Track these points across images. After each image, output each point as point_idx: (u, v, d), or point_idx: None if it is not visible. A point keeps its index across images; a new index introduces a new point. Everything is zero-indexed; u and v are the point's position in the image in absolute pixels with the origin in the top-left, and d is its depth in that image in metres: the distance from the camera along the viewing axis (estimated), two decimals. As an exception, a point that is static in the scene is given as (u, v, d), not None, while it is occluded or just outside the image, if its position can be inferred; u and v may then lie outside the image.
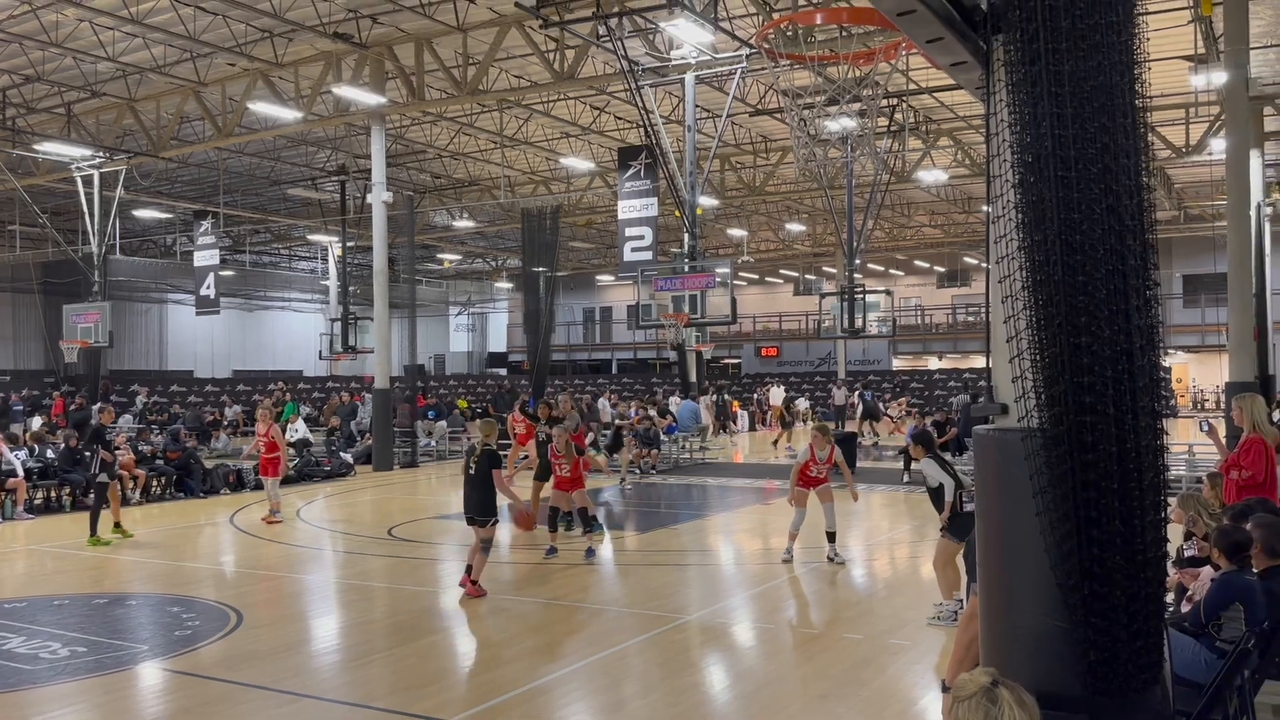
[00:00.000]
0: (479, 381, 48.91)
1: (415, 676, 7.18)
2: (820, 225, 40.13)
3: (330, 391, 37.30)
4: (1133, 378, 2.76)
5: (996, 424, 3.12)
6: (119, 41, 19.75)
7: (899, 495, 16.99)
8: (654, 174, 20.94)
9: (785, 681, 7.09)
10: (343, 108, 22.22)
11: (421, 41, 19.95)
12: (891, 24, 3.10)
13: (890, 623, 8.55)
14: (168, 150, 24.73)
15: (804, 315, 47.29)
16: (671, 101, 23.36)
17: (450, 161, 31.02)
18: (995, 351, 3.15)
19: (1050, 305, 2.75)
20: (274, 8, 17.84)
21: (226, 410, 30.40)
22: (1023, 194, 2.80)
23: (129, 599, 9.91)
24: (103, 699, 6.78)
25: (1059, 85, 2.72)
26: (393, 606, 9.65)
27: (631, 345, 52.03)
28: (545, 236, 27.42)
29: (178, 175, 31.56)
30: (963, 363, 45.28)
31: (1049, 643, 2.92)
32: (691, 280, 19.56)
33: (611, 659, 7.57)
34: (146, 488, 16.83)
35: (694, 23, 15.92)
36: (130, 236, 37.89)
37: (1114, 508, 2.76)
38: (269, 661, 7.51)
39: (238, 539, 13.44)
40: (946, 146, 27.77)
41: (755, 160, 30.00)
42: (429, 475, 21.10)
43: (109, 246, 25.61)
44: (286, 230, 40.39)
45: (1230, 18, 15.33)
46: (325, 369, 42.64)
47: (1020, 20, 2.75)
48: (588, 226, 38.62)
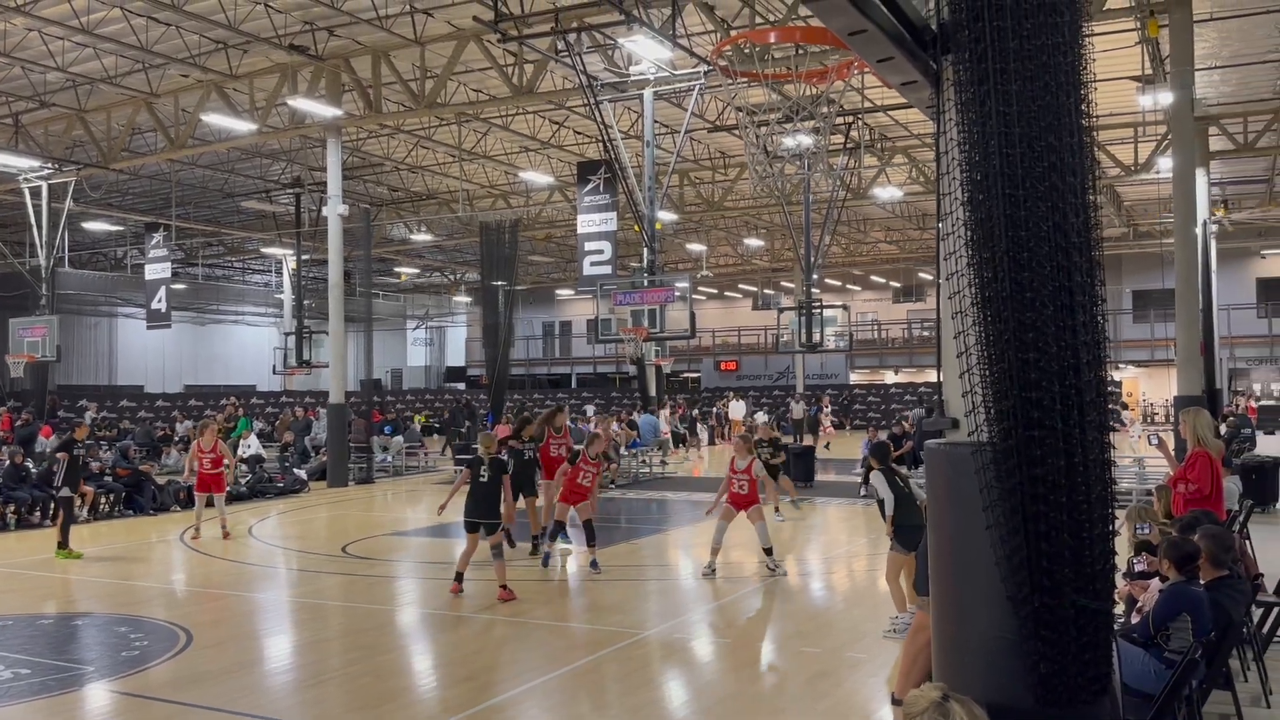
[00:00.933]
0: (437, 396, 48.55)
1: (370, 696, 7.08)
2: (778, 241, 40.44)
3: (284, 406, 36.79)
4: (1080, 392, 2.81)
5: (948, 438, 3.15)
6: (69, 51, 19.42)
7: (857, 509, 17.10)
8: (613, 189, 20.96)
9: (743, 696, 7.09)
10: (298, 120, 22.01)
11: (379, 54, 19.85)
12: (844, 43, 3.14)
13: (847, 636, 8.59)
14: (118, 162, 24.34)
15: (763, 329, 47.56)
16: (631, 117, 23.44)
17: (408, 175, 30.84)
18: (946, 367, 3.18)
19: (998, 321, 2.79)
20: (228, 19, 17.64)
21: (178, 426, 29.86)
22: (971, 212, 2.85)
23: (75, 619, 9.69)
24: (46, 723, 6.62)
25: (1007, 105, 2.77)
26: (347, 625, 9.52)
27: (591, 360, 51.98)
28: (504, 250, 27.30)
29: (129, 187, 31.04)
30: (918, 377, 45.77)
31: (1000, 655, 2.95)
32: (651, 295, 19.57)
33: (568, 676, 7.53)
34: (95, 505, 16.47)
35: (652, 39, 15.99)
36: (80, 249, 37.21)
37: (1063, 521, 2.80)
38: (219, 682, 7.37)
39: (188, 557, 13.19)
40: (901, 164, 28.13)
41: (714, 176, 30.18)
42: (385, 491, 20.88)
43: (57, 259, 25.12)
44: (240, 243, 39.87)
45: (1175, 40, 15.71)
46: (279, 384, 42.06)
47: (969, 41, 2.80)
48: (547, 240, 38.57)
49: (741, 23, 17.46)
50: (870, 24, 2.87)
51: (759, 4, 17.01)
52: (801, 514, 16.77)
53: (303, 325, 29.59)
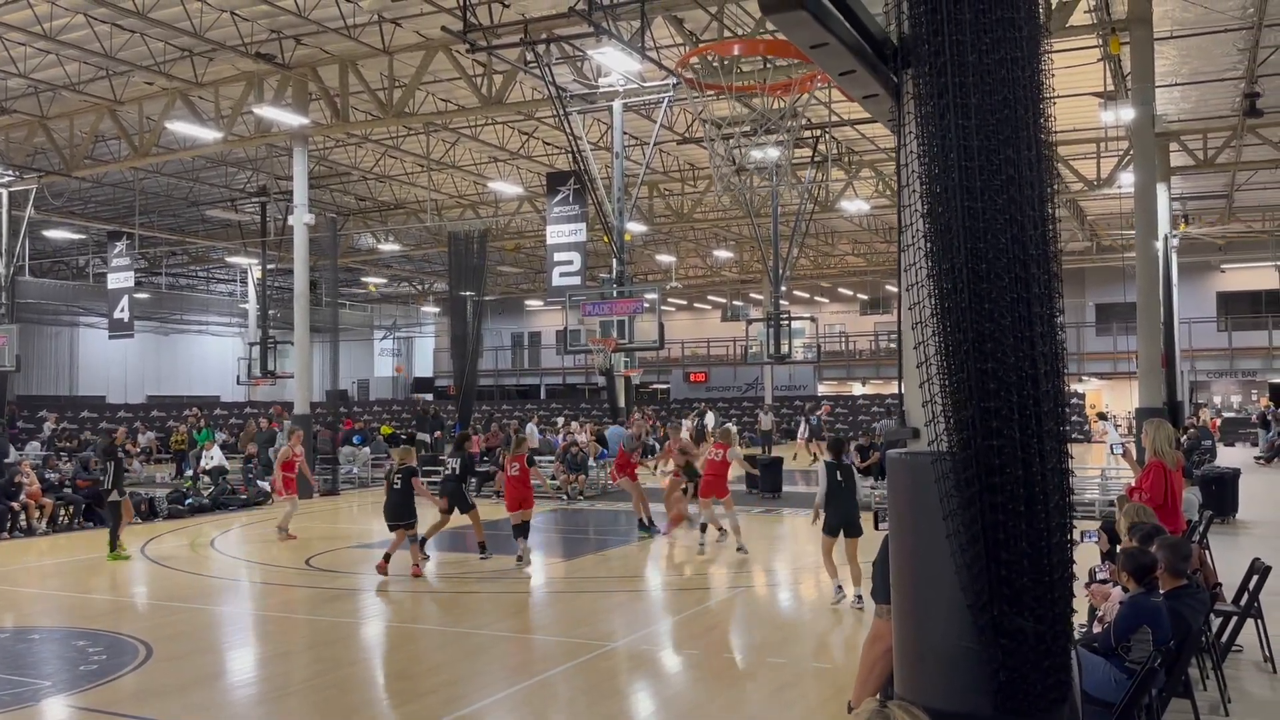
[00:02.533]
0: (404, 407, 48.21)
1: (334, 709, 7.01)
2: (747, 252, 40.61)
3: (248, 417, 36.37)
4: (1038, 402, 2.84)
5: (909, 448, 3.18)
6: (31, 58, 19.15)
7: (823, 519, 17.14)
8: (582, 199, 20.98)
9: (710, 706, 7.08)
10: (264, 128, 21.84)
11: (346, 63, 19.75)
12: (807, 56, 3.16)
13: (813, 646, 8.61)
14: (81, 169, 24.02)
15: (732, 340, 47.71)
16: (600, 128, 23.48)
17: (376, 184, 30.68)
18: (906, 377, 3.21)
19: (958, 331, 2.81)
20: (194, 27, 17.49)
21: (140, 437, 29.42)
22: (931, 223, 2.87)
23: (32, 632, 9.50)
24: (-1, 740, 6.48)
25: (966, 118, 2.80)
26: (311, 638, 9.41)
27: (560, 370, 51.89)
28: (473, 261, 27.22)
29: (91, 195, 30.64)
30: (885, 388, 46.09)
31: (960, 663, 2.97)
32: (620, 305, 19.59)
33: (536, 687, 7.48)
34: (54, 517, 16.19)
35: (621, 51, 16.04)
36: (41, 257, 36.68)
37: (1021, 530, 2.82)
38: (180, 695, 7.25)
39: (149, 570, 12.99)
40: (868, 177, 28.38)
41: (683, 187, 30.28)
42: (350, 503, 20.69)
43: (18, 267, 24.74)
44: (205, 252, 39.46)
45: (1136, 57, 15.98)
46: (243, 394, 41.58)
47: (929, 54, 2.83)
48: (516, 251, 38.49)
49: (710, 35, 17.56)
50: (832, 37, 2.89)
51: (727, 17, 17.11)
52: (769, 525, 16.81)
53: (268, 335, 29.28)
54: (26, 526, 15.82)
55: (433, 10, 17.02)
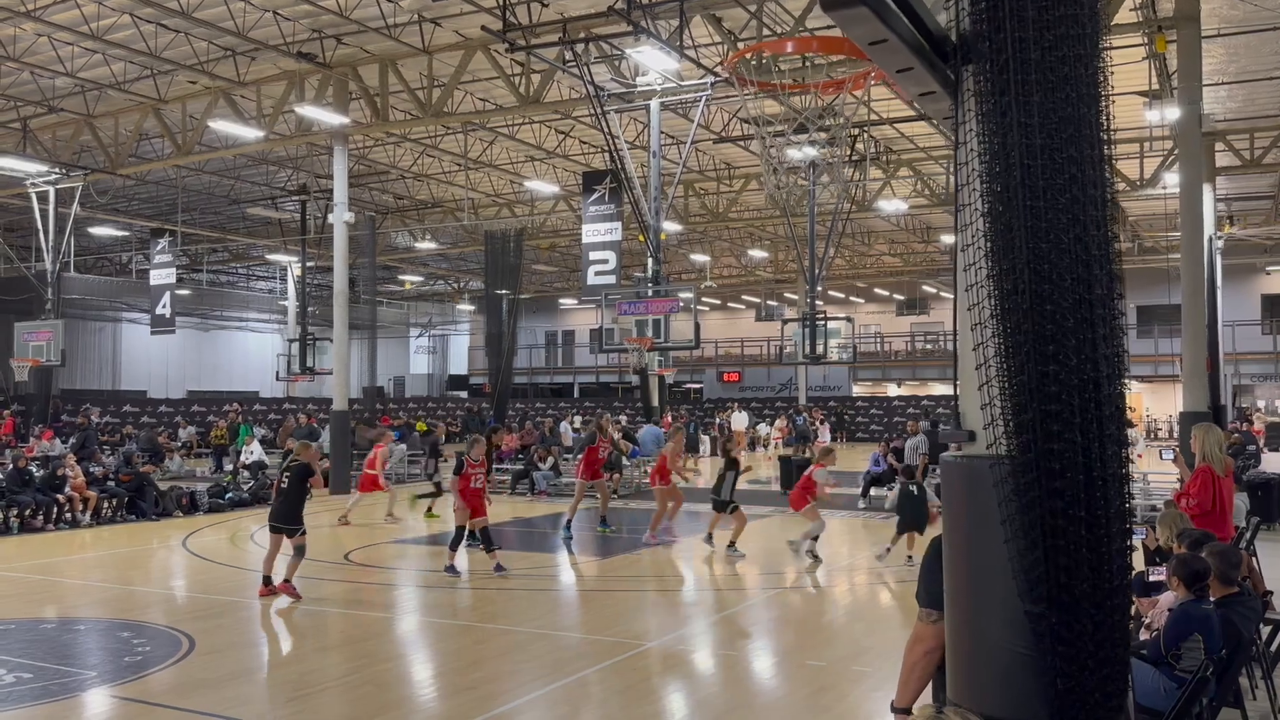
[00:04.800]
0: (439, 404, 48.54)
1: (371, 705, 7.05)
2: (782, 252, 40.44)
3: (287, 413, 36.78)
4: (1099, 406, 2.79)
5: (964, 451, 3.13)
6: (78, 57, 19.48)
7: (857, 521, 17.06)
8: (618, 198, 20.98)
9: (746, 709, 7.05)
10: (305, 127, 22.05)
11: (386, 63, 19.90)
12: (862, 53, 3.13)
13: (851, 649, 8.55)
14: (125, 167, 24.39)
15: (765, 340, 47.52)
16: (636, 127, 23.47)
17: (413, 183, 30.89)
18: (962, 379, 3.16)
19: (1018, 333, 2.77)
20: (237, 26, 17.71)
21: (180, 431, 29.85)
22: (991, 223, 2.83)
23: (77, 624, 9.65)
24: (48, 728, 6.59)
25: (1029, 116, 2.76)
26: (348, 633, 9.49)
27: (593, 369, 51.97)
28: (509, 259, 27.36)
29: (135, 193, 31.11)
30: (921, 390, 45.73)
31: (1016, 670, 2.92)
32: (656, 305, 19.57)
33: (571, 687, 7.48)
34: (98, 510, 16.45)
35: (660, 50, 16.03)
36: (85, 254, 37.29)
37: (1081, 535, 2.77)
38: (222, 688, 7.33)
39: (190, 563, 13.16)
40: (906, 177, 28.15)
41: (718, 187, 30.20)
42: (386, 499, 20.79)
43: (63, 264, 25.15)
44: (245, 249, 39.94)
45: (1183, 55, 15.71)
46: (282, 390, 42.06)
47: (991, 52, 2.79)
48: (551, 250, 38.60)
49: (749, 34, 17.48)
50: (891, 34, 2.85)
51: (766, 15, 17.04)
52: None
53: (306, 332, 29.59)
54: (71, 519, 16.08)
55: (472, 10, 17.10)
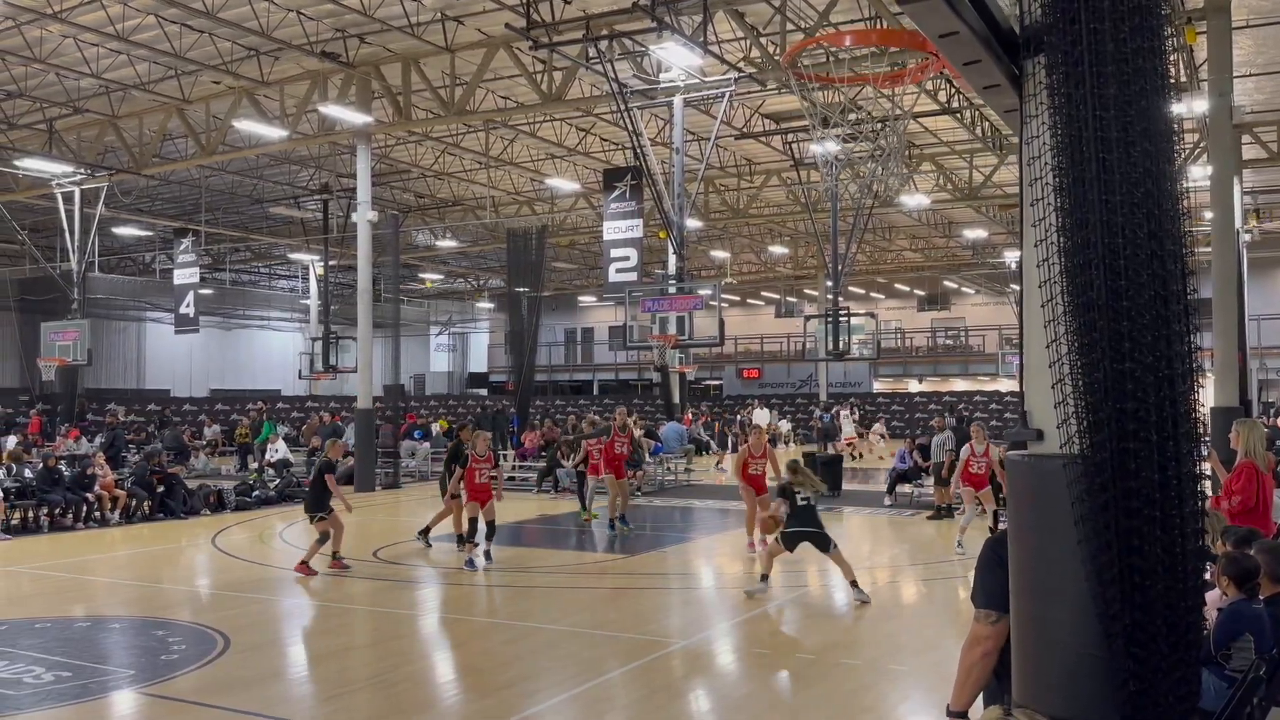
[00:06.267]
0: (459, 402, 48.67)
1: (408, 703, 7.06)
2: (802, 248, 40.31)
3: (310, 411, 36.97)
4: (1174, 404, 2.74)
5: (1031, 450, 3.09)
6: (103, 58, 19.61)
7: (882, 519, 16.98)
8: (639, 195, 20.95)
9: (785, 708, 7.01)
10: (328, 126, 22.13)
11: (409, 61, 19.93)
12: (919, 46, 3.08)
13: (887, 647, 8.49)
14: (149, 167, 24.53)
15: (785, 337, 47.41)
16: (657, 124, 23.43)
17: (435, 181, 30.96)
18: (1029, 377, 3.12)
19: (1093, 331, 2.73)
20: (261, 26, 17.77)
21: (205, 430, 30.04)
22: (1065, 218, 2.79)
23: (111, 622, 9.71)
24: (89, 727, 6.63)
25: (1104, 109, 2.71)
26: (381, 630, 9.51)
27: (613, 366, 51.97)
28: (530, 257, 27.37)
29: (159, 192, 31.31)
30: (943, 386, 45.51)
31: (1085, 671, 2.88)
32: (679, 301, 19.54)
33: (605, 686, 7.46)
34: (127, 509, 16.56)
35: (683, 46, 15.99)
36: (109, 254, 37.54)
37: (1156, 536, 2.73)
38: (259, 687, 7.36)
39: (220, 561, 13.23)
40: (929, 172, 28.00)
41: (739, 183, 30.12)
42: (411, 497, 20.88)
43: (88, 264, 25.33)
44: (268, 249, 40.13)
45: (1214, 46, 15.54)
46: (304, 388, 42.28)
47: (1064, 43, 2.75)
48: (570, 247, 38.62)
49: (772, 29, 17.41)
50: (962, 25, 2.81)
51: (789, 10, 16.96)
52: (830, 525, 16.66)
53: (329, 330, 29.72)
54: (100, 517, 16.20)
55: (495, 8, 17.10)
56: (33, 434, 24.78)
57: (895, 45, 11.14)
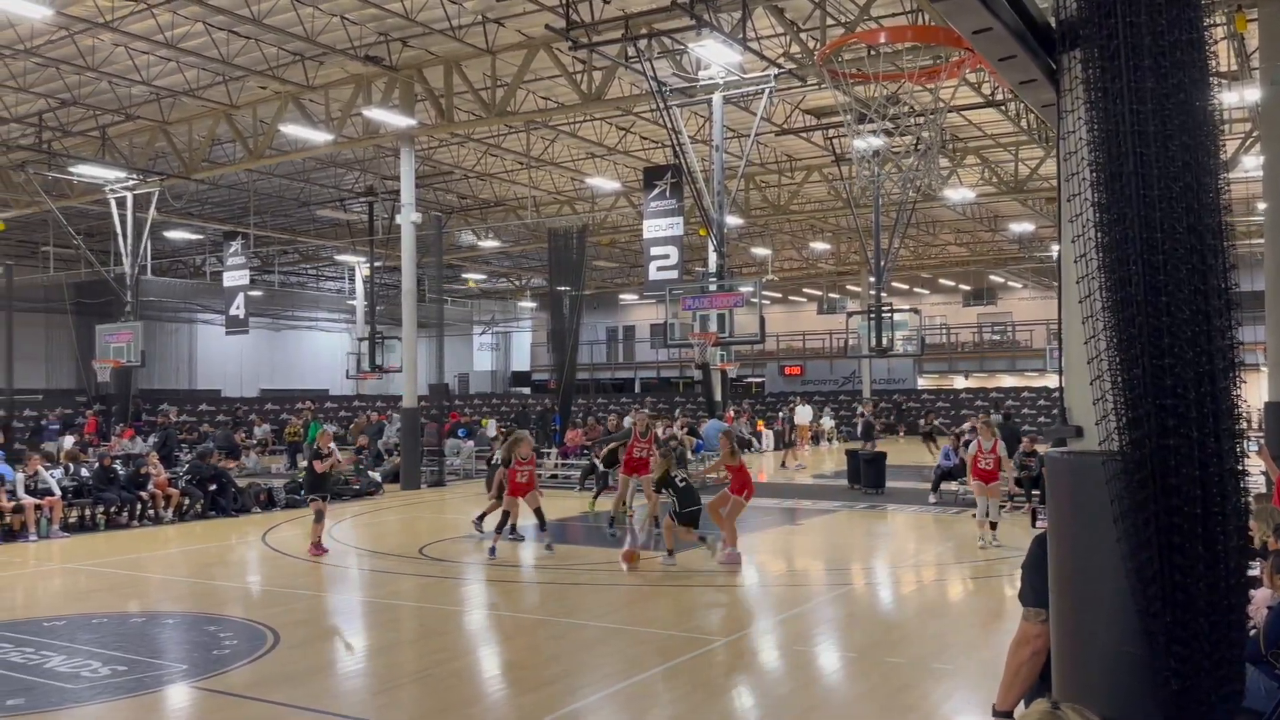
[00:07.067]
0: (503, 400, 49.02)
1: (455, 698, 7.15)
2: (844, 244, 40.06)
3: (356, 410, 37.47)
4: (1215, 400, 2.72)
5: (1070, 447, 3.07)
6: (153, 65, 20.02)
7: (928, 516, 16.83)
8: (679, 193, 20.96)
9: (827, 707, 7.00)
10: (372, 130, 22.40)
11: (451, 64, 20.12)
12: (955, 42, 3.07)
13: (931, 646, 8.43)
14: (199, 172, 25.00)
15: (828, 334, 47.15)
16: (697, 121, 23.41)
17: (476, 182, 31.21)
18: (1069, 373, 3.10)
19: (1131, 326, 2.71)
20: (306, 31, 18.04)
21: (255, 429, 30.57)
22: (1103, 214, 2.77)
23: (166, 618, 9.94)
24: (146, 718, 6.79)
25: (1141, 102, 2.69)
26: (428, 626, 9.63)
27: (655, 364, 52.02)
28: (571, 256, 27.50)
29: (208, 196, 31.89)
30: (989, 381, 44.96)
31: (1125, 671, 2.86)
32: (720, 299, 19.52)
33: (648, 682, 7.50)
34: (180, 507, 16.91)
35: (722, 43, 15.96)
36: (161, 257, 38.30)
37: (1197, 533, 2.70)
38: (309, 682, 7.50)
39: (270, 558, 13.47)
40: (973, 165, 27.69)
41: (780, 179, 30.01)
42: (456, 494, 21.10)
43: (141, 267, 25.87)
44: (314, 251, 40.70)
45: (1265, 34, 15.21)
46: (351, 388, 42.84)
47: (1101, 37, 2.73)
48: (611, 246, 38.72)
49: (812, 24, 17.34)
50: (996, 21, 2.80)
51: (829, 5, 16.87)
52: (874, 521, 16.58)
53: (375, 331, 30.09)
54: (154, 515, 16.55)
55: (535, 9, 17.21)
56: (89, 434, 25.37)
57: (930, 41, 11.03)
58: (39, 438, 24.73)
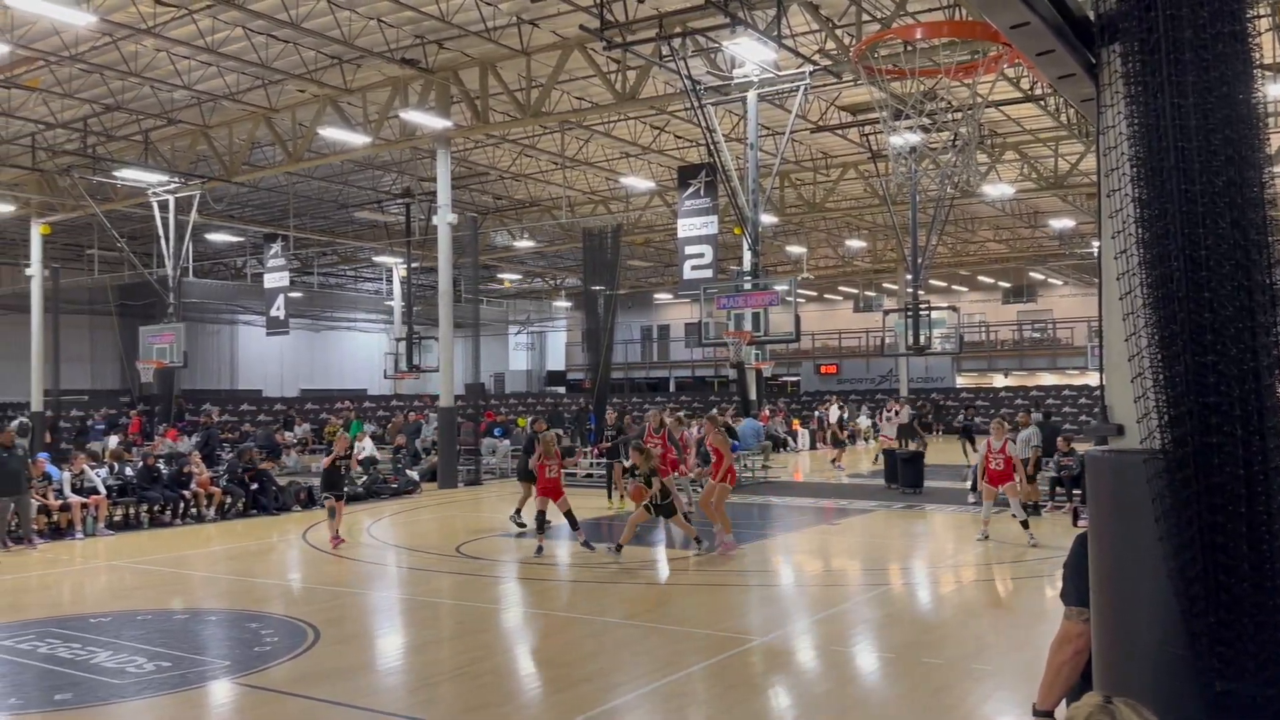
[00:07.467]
0: (538, 399, 49.23)
1: (494, 694, 7.20)
2: (880, 241, 39.78)
3: (394, 410, 37.79)
4: (1259, 397, 2.67)
5: (1111, 445, 3.04)
6: (194, 70, 20.33)
7: (966, 516, 16.67)
8: (714, 192, 20.94)
9: (864, 707, 6.96)
10: (409, 132, 22.59)
11: (486, 65, 20.24)
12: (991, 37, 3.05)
13: (970, 647, 8.36)
14: (239, 175, 25.36)
15: (864, 332, 46.83)
16: (731, 119, 23.37)
17: (512, 183, 31.37)
18: (1109, 371, 3.06)
19: (1173, 323, 2.67)
20: (343, 35, 18.22)
21: (295, 429, 30.94)
22: (1143, 209, 2.74)
23: (209, 614, 10.10)
24: (190, 713, 6.91)
25: (1182, 96, 2.66)
26: (466, 624, 9.71)
27: (689, 363, 51.98)
28: (606, 256, 27.56)
29: (248, 199, 32.33)
30: (1030, 380, 44.43)
31: (1168, 671, 2.82)
32: (755, 298, 19.47)
33: (684, 680, 7.50)
34: (222, 505, 17.16)
35: (757, 41, 15.93)
36: (203, 259, 38.91)
37: (1241, 533, 2.66)
38: (349, 678, 7.58)
39: (310, 555, 13.63)
40: (1012, 160, 27.39)
41: (815, 177, 29.86)
42: (492, 493, 21.22)
43: (183, 269, 26.28)
44: (353, 252, 41.13)
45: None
46: (389, 388, 43.23)
47: (1141, 31, 2.70)
48: (645, 245, 38.75)
49: (848, 21, 17.25)
50: (1034, 16, 2.78)
51: (865, 1, 16.76)
52: (911, 521, 16.46)
53: (412, 331, 30.33)
54: (197, 514, 16.81)
55: (569, 10, 17.26)
56: (133, 434, 25.82)
57: (967, 36, 10.90)
58: (85, 437, 25.22)
